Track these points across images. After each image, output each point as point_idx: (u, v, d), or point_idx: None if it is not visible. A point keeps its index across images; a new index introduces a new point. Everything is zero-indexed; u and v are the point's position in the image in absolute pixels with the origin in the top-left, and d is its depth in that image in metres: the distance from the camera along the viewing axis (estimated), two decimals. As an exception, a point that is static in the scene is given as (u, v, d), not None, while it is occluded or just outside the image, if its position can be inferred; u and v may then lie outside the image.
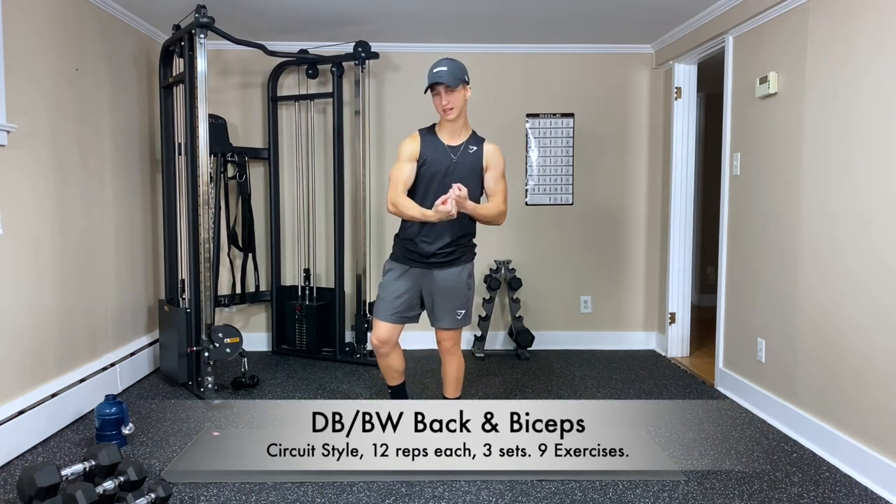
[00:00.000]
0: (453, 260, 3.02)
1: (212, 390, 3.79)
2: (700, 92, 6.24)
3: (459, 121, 2.96)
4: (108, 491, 2.36)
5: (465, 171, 2.97)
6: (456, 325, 3.06)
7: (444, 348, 3.09)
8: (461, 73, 2.89)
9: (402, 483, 2.73)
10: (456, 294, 3.04)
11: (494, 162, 3.01)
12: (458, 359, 3.13)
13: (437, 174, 2.97)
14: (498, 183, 3.03)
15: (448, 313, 3.04)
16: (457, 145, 2.99)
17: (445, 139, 3.00)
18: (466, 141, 3.00)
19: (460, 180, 2.89)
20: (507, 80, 4.92)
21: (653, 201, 5.02)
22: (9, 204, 2.96)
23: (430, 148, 2.99)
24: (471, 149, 2.99)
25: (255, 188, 4.87)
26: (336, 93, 4.55)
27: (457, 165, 2.97)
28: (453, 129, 2.98)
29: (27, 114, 3.07)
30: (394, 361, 3.18)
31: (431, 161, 2.97)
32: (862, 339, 2.83)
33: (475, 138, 3.04)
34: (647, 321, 5.10)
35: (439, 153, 2.98)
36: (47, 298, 3.26)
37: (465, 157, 2.98)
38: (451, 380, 3.15)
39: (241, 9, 3.98)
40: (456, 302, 3.04)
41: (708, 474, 2.82)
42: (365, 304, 4.71)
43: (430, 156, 2.98)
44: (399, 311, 3.08)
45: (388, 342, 3.09)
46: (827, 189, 3.06)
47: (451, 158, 2.97)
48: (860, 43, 2.85)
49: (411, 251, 3.04)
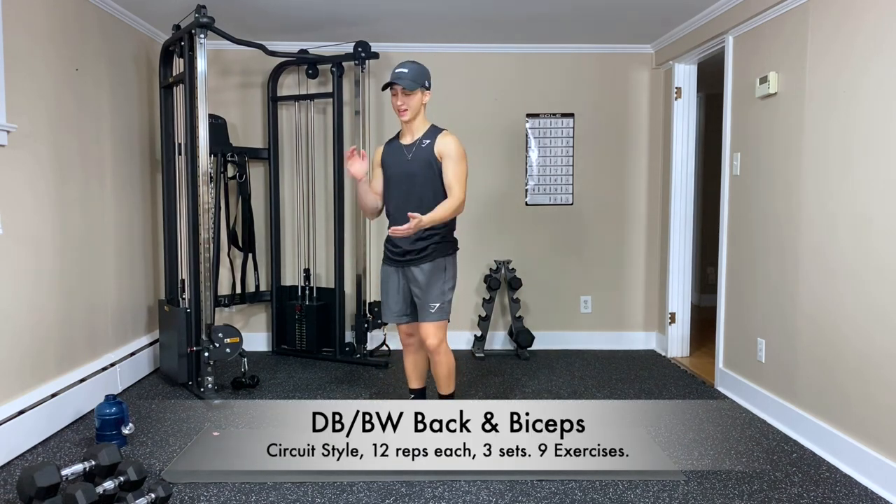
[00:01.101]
0: (425, 256, 3.06)
1: (212, 390, 3.79)
2: (700, 92, 6.25)
3: (415, 121, 3.05)
4: (108, 491, 2.36)
5: (420, 165, 3.03)
6: (431, 318, 3.06)
7: (428, 346, 3.11)
8: (421, 77, 2.99)
9: (402, 483, 2.73)
10: (428, 288, 3.06)
11: (447, 151, 3.01)
12: (444, 356, 3.13)
13: (396, 174, 3.09)
14: (453, 172, 2.99)
15: (423, 307, 3.08)
16: (411, 143, 3.08)
17: (404, 140, 3.12)
18: (422, 136, 3.07)
19: (417, 175, 3.03)
20: (507, 80, 4.92)
21: (653, 201, 5.02)
22: (9, 204, 2.96)
23: (389, 152, 3.15)
24: (424, 143, 3.05)
25: (255, 188, 4.87)
26: (336, 93, 4.55)
27: (411, 162, 3.05)
28: (410, 129, 3.08)
29: (27, 114, 3.07)
30: (420, 359, 3.27)
31: (390, 164, 3.13)
32: (862, 339, 2.83)
33: (432, 132, 3.08)
34: (647, 321, 5.10)
35: (397, 155, 3.11)
36: (47, 298, 3.26)
37: (419, 153, 3.05)
38: (442, 377, 3.17)
39: (241, 9, 3.98)
40: (429, 296, 3.06)
41: (708, 474, 2.82)
42: (365, 304, 4.71)
43: (389, 159, 3.14)
44: (399, 311, 3.18)
45: (413, 335, 3.21)
46: (827, 189, 3.06)
47: (405, 157, 3.07)
48: (860, 43, 2.85)
49: (390, 250, 3.14)
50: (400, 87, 2.93)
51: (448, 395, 3.20)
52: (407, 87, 2.93)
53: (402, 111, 3.00)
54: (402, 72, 2.96)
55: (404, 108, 2.99)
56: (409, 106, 2.98)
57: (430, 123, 3.11)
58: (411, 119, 3.02)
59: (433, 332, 3.08)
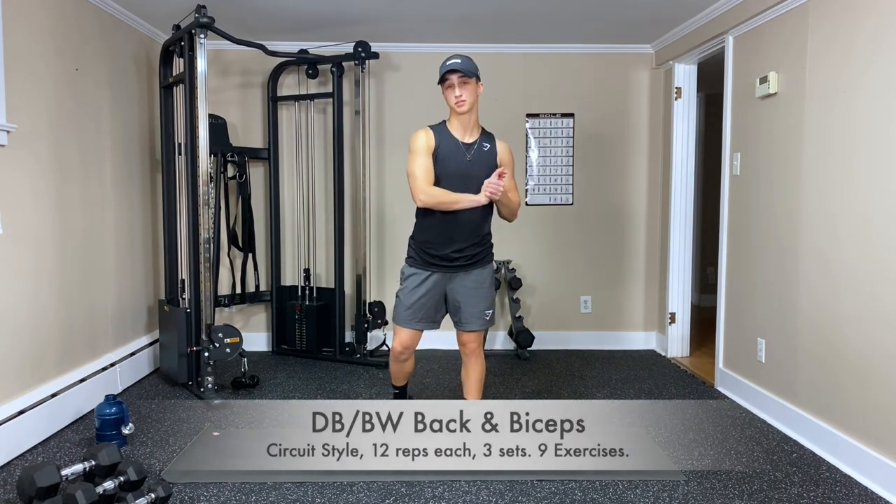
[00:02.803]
0: (478, 261, 2.97)
1: (212, 390, 3.79)
2: (700, 92, 6.24)
3: (472, 116, 2.87)
4: (108, 491, 2.36)
5: (482, 169, 2.87)
6: (484, 325, 3.01)
7: (470, 350, 3.02)
8: (475, 67, 2.84)
9: (402, 483, 2.73)
10: (483, 295, 2.98)
11: (508, 160, 2.97)
12: (482, 361, 3.07)
13: (452, 172, 2.86)
14: (511, 180, 2.99)
15: (476, 315, 2.98)
16: (471, 142, 2.90)
17: (458, 135, 2.89)
18: (480, 138, 2.93)
19: (478, 179, 2.83)
20: (507, 80, 4.92)
21: (653, 201, 5.02)
22: (9, 204, 2.96)
23: (444, 143, 2.87)
24: (485, 146, 2.92)
25: (255, 188, 4.87)
26: (336, 93, 4.55)
27: (473, 164, 2.88)
28: (466, 125, 2.87)
29: (27, 114, 3.07)
30: (409, 366, 3.19)
31: (445, 157, 2.86)
32: (862, 339, 2.83)
33: (486, 135, 2.97)
34: (647, 321, 5.10)
35: (453, 149, 2.87)
36: (47, 298, 3.26)
37: (480, 155, 2.89)
38: (475, 382, 3.07)
39: (241, 9, 3.98)
40: (483, 303, 2.98)
41: (708, 474, 2.82)
42: (365, 305, 4.71)
43: (444, 151, 2.86)
44: (423, 318, 2.99)
45: (409, 348, 3.05)
46: (827, 189, 3.06)
47: (465, 156, 2.88)
48: (860, 43, 2.85)
49: (433, 255, 2.93)
50: (457, 75, 2.75)
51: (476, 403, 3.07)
52: (465, 73, 2.75)
53: (460, 102, 2.78)
54: (455, 61, 2.78)
55: (462, 99, 2.77)
56: (467, 97, 2.78)
57: (480, 125, 2.97)
58: (468, 111, 2.82)
59: (477, 338, 3.03)
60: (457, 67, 2.77)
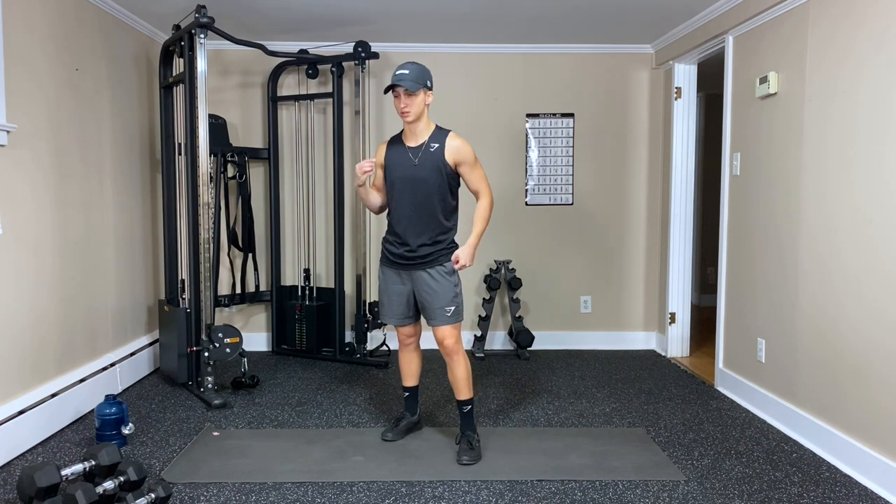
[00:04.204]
0: (432, 260, 3.00)
1: (212, 390, 3.79)
2: (700, 92, 6.25)
3: (420, 123, 2.97)
4: (108, 491, 2.36)
5: (429, 170, 2.95)
6: (447, 321, 2.99)
7: (445, 348, 3.03)
8: (423, 77, 2.92)
9: (402, 483, 2.73)
10: (441, 293, 2.99)
11: (461, 157, 2.97)
12: (462, 358, 3.05)
13: (401, 179, 2.99)
14: (474, 174, 3.01)
15: (438, 311, 3.00)
16: (417, 146, 2.98)
17: (408, 141, 3.02)
18: (428, 140, 2.98)
19: (425, 181, 2.95)
20: (507, 80, 4.92)
21: (653, 201, 5.02)
22: (9, 204, 2.96)
23: (393, 154, 3.04)
24: (432, 147, 2.98)
25: (255, 188, 4.87)
26: (336, 93, 4.55)
27: (418, 167, 2.96)
28: (414, 131, 2.99)
29: (27, 114, 3.07)
30: (416, 359, 3.24)
31: (393, 165, 3.02)
32: (861, 339, 2.83)
33: (438, 134, 2.99)
34: (647, 321, 5.10)
35: (401, 157, 3.01)
36: (47, 298, 3.26)
37: (426, 157, 2.96)
38: (461, 381, 3.05)
39: (241, 9, 3.98)
40: (442, 300, 2.99)
41: (708, 474, 2.82)
42: (365, 304, 4.71)
43: (392, 160, 3.03)
44: (400, 314, 3.11)
45: (409, 335, 3.19)
46: (827, 189, 3.06)
47: (411, 161, 2.97)
48: (860, 43, 2.85)
49: (392, 253, 3.06)
50: (402, 88, 2.87)
51: (466, 400, 3.05)
52: (409, 87, 2.86)
53: (405, 113, 2.91)
54: (402, 73, 2.88)
55: (407, 110, 2.90)
56: (412, 108, 2.90)
57: (434, 125, 3.02)
58: (415, 121, 2.94)
59: (449, 334, 3.01)
60: (401, 82, 2.87)
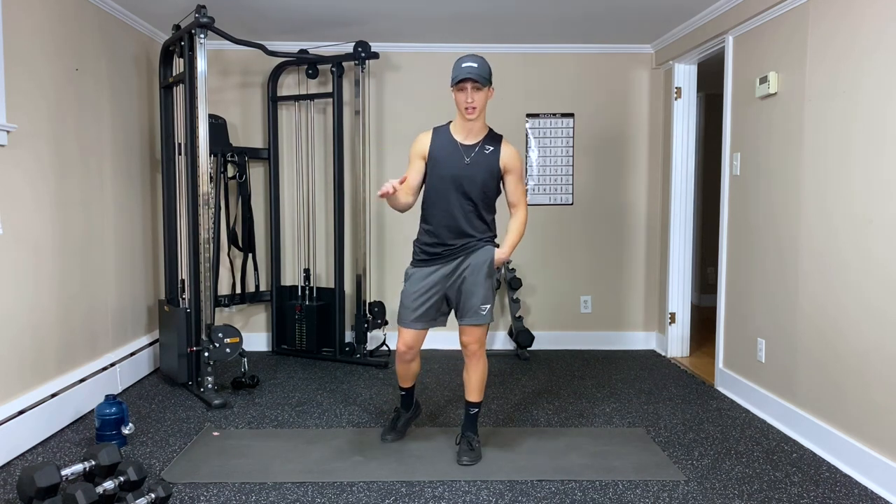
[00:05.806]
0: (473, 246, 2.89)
1: (212, 390, 3.79)
2: (700, 92, 6.25)
3: (479, 121, 2.85)
4: (108, 491, 2.36)
5: (481, 172, 2.84)
6: (481, 320, 2.91)
7: (471, 352, 2.96)
8: (489, 73, 2.81)
9: (402, 483, 2.73)
10: (484, 285, 2.89)
11: (514, 165, 2.89)
12: (483, 362, 3.01)
13: (448, 175, 2.83)
14: (518, 188, 2.92)
15: (474, 308, 2.90)
16: (471, 144, 2.86)
17: (459, 138, 2.87)
18: (482, 140, 2.87)
19: (474, 181, 2.82)
20: (507, 80, 4.91)
21: (653, 201, 5.02)
22: (9, 204, 2.96)
23: (440, 145, 2.86)
24: (487, 149, 2.86)
25: (255, 188, 4.87)
26: (336, 93, 4.55)
27: (470, 166, 2.83)
28: (470, 129, 2.86)
29: (27, 114, 3.07)
30: (414, 366, 3.10)
31: (441, 160, 2.85)
32: (861, 339, 2.83)
33: (492, 137, 2.90)
34: (647, 321, 5.10)
35: (450, 152, 2.85)
36: (47, 298, 3.26)
37: (480, 158, 2.84)
38: (478, 382, 3.01)
39: (241, 9, 3.98)
40: (480, 296, 2.89)
41: (708, 474, 2.82)
42: (365, 304, 4.71)
43: (439, 154, 2.85)
44: (423, 317, 2.94)
45: (413, 347, 2.99)
46: (826, 189, 3.06)
47: (463, 159, 2.83)
48: (860, 43, 2.85)
49: (430, 253, 2.91)
50: (471, 81, 2.71)
51: (476, 403, 3.02)
52: (481, 82, 2.73)
53: (470, 109, 2.76)
54: (471, 66, 2.73)
55: (473, 106, 2.75)
56: (478, 104, 2.76)
57: (487, 126, 2.92)
58: (477, 118, 2.81)
59: (479, 337, 2.94)
60: (472, 75, 2.73)
